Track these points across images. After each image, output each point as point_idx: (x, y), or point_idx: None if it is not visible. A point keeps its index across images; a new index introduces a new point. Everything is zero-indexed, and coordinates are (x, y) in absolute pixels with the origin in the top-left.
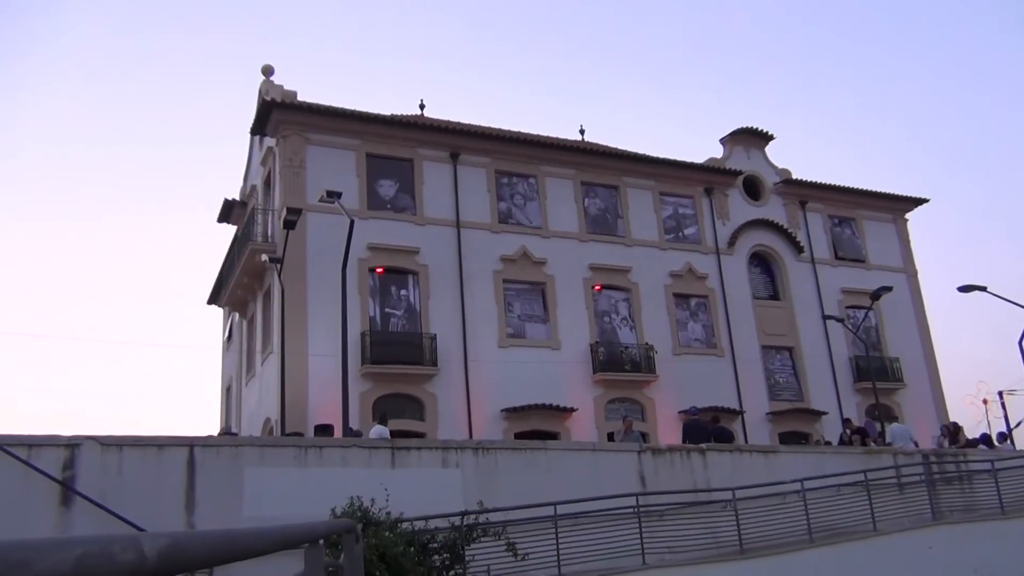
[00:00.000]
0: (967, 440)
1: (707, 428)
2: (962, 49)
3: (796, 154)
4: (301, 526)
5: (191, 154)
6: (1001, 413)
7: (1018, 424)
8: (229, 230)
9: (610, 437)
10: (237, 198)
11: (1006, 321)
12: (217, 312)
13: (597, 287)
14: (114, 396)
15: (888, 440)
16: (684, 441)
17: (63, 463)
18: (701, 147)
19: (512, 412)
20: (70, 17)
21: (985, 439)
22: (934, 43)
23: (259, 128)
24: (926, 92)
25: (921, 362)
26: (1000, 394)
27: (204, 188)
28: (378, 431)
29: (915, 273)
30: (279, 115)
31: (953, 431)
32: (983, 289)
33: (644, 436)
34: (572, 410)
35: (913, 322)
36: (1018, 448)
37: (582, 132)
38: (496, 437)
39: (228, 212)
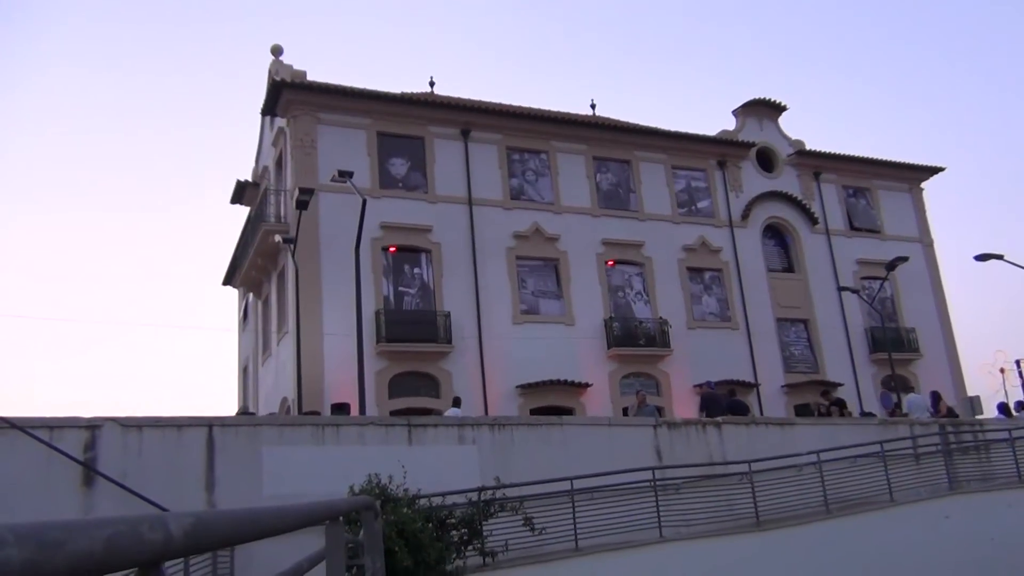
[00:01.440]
0: (948, 409)
1: (723, 401)
2: (978, 15)
3: (810, 125)
4: (322, 504)
5: (203, 136)
6: (1019, 382)
7: None
8: (242, 211)
9: (625, 412)
10: (249, 179)
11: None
12: (232, 293)
13: (610, 262)
14: (133, 378)
15: (904, 411)
16: (701, 413)
17: (85, 444)
18: (713, 119)
19: (527, 388)
20: (78, 1)
21: (1003, 408)
22: (949, 9)
23: (270, 109)
24: (941, 59)
25: (937, 332)
26: (1018, 363)
27: (216, 170)
28: (454, 412)
29: (931, 243)
30: (289, 95)
31: (934, 402)
32: (1000, 258)
33: (659, 410)
34: (587, 385)
35: (929, 292)
36: None
37: (593, 107)
38: (511, 413)
39: (241, 193)
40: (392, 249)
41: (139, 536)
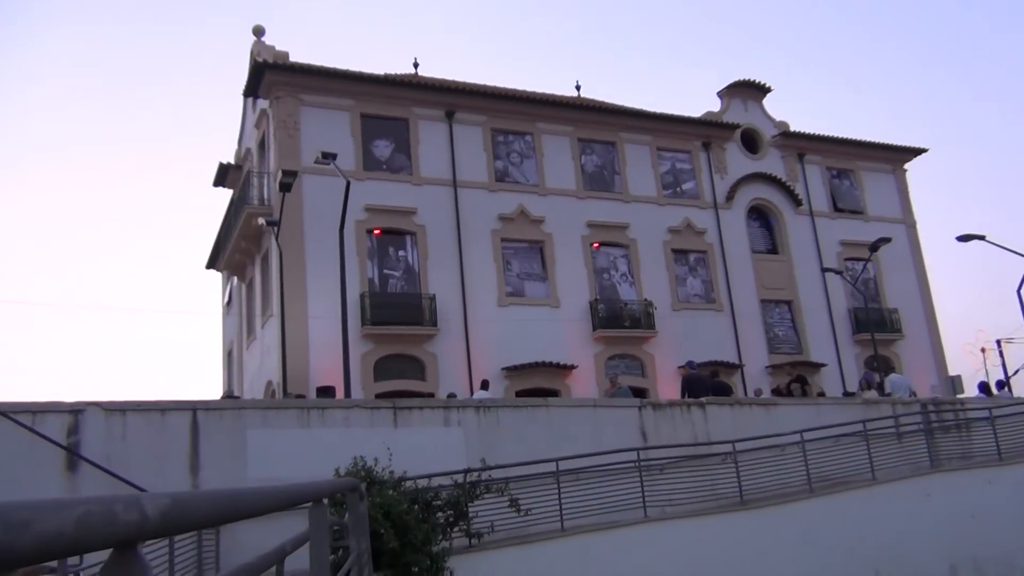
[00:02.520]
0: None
1: (706, 382)
2: None
3: (794, 106)
4: (305, 485)
5: (184, 118)
6: (999, 361)
7: (1016, 372)
8: (225, 194)
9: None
10: (232, 162)
11: (1005, 270)
12: (216, 276)
13: (596, 244)
14: (116, 362)
15: (887, 391)
16: (683, 396)
17: (68, 429)
18: (698, 101)
19: (513, 370)
20: None
21: (983, 387)
22: None
23: (252, 90)
24: (924, 41)
25: (920, 313)
26: (998, 343)
27: (198, 152)
28: (481, 395)
29: (914, 224)
30: (272, 76)
31: (866, 384)
32: (982, 238)
33: (643, 392)
34: (572, 367)
35: (912, 273)
36: (1016, 396)
37: (578, 88)
38: (497, 395)
39: (223, 176)
40: (376, 231)
41: (112, 516)
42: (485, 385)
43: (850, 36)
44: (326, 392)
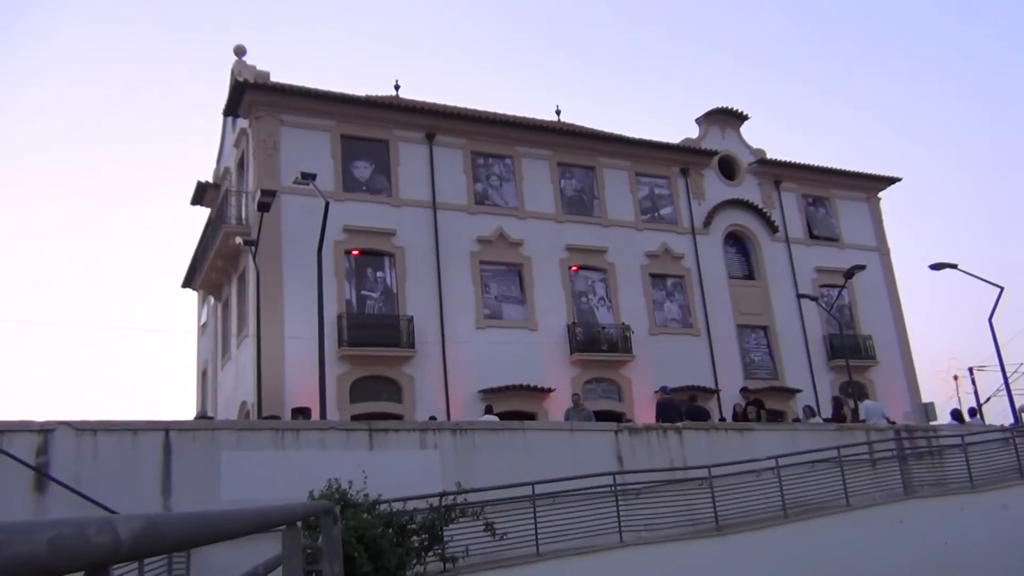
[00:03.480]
0: (849, 415)
1: (679, 407)
2: (936, 28)
3: (771, 134)
4: (278, 508)
5: (163, 136)
6: (972, 389)
7: (987, 399)
8: (203, 213)
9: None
10: (210, 180)
11: (977, 298)
12: (192, 296)
13: (574, 268)
14: (88, 381)
15: (861, 417)
16: (657, 420)
17: (37, 449)
18: (677, 127)
19: (490, 393)
20: None
21: (956, 414)
22: (906, 22)
23: (232, 109)
24: (899, 71)
25: (893, 340)
26: (971, 370)
27: (177, 170)
28: (490, 419)
29: (888, 251)
30: (252, 96)
31: (810, 412)
32: (954, 267)
33: (620, 416)
34: (550, 390)
35: (886, 300)
36: (987, 423)
37: (558, 113)
38: (474, 418)
39: (201, 195)
40: (355, 252)
41: (85, 538)
42: (490, 410)
43: (827, 66)
44: (301, 413)
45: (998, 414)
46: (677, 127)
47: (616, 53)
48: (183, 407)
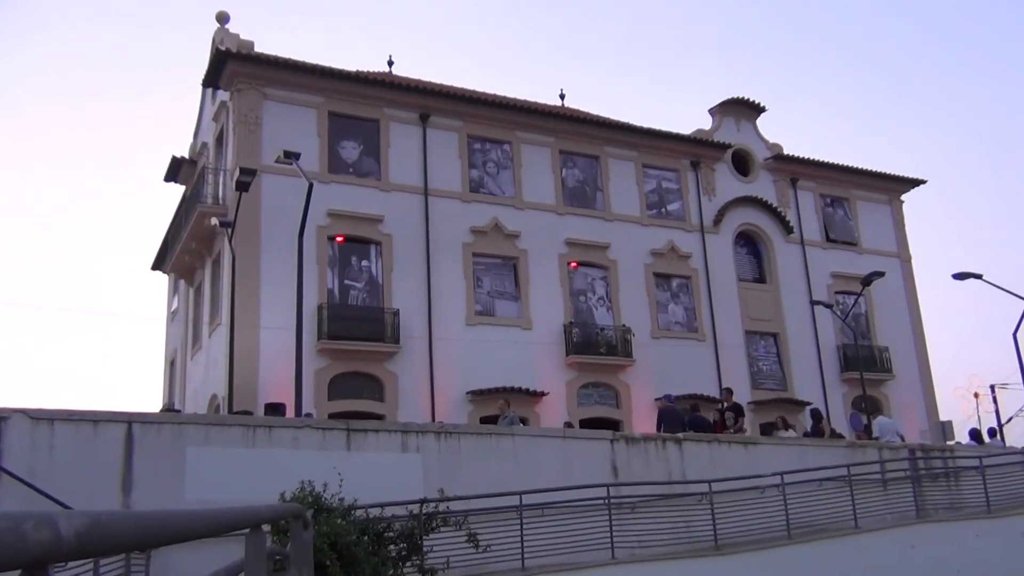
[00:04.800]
0: (831, 430)
1: (683, 417)
2: (964, 22)
3: (788, 128)
4: (242, 509)
5: (136, 106)
6: (992, 407)
7: (1009, 419)
8: (176, 190)
9: (581, 424)
10: (186, 156)
11: (1002, 311)
12: (162, 279)
13: (573, 264)
14: (47, 367)
15: (875, 434)
16: (658, 430)
17: None
18: (688, 117)
19: (478, 395)
20: None
21: (974, 434)
22: (935, 15)
23: (212, 80)
24: (927, 67)
25: (911, 352)
26: (992, 388)
27: (150, 144)
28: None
29: (909, 258)
30: (234, 66)
31: (783, 423)
32: (979, 277)
33: (618, 424)
34: (543, 394)
35: (905, 310)
36: (1008, 445)
37: (562, 97)
38: (460, 421)
39: (176, 171)
40: (339, 239)
41: (21, 535)
42: (524, 421)
43: (850, 59)
44: (275, 409)
45: (1020, 435)
46: (689, 117)
47: (626, 35)
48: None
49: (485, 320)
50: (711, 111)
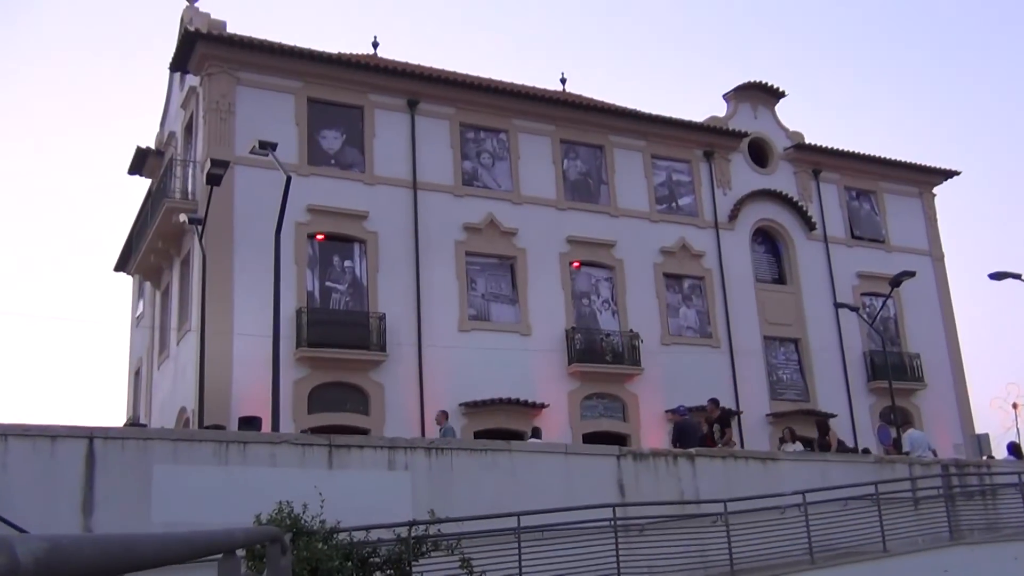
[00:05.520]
0: (839, 442)
1: (699, 431)
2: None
3: (810, 115)
4: (215, 533)
5: (98, 91)
6: None
7: None
8: (142, 184)
9: (585, 439)
10: (152, 146)
11: None
12: (126, 281)
13: (575, 264)
14: (0, 377)
15: (904, 448)
16: (673, 444)
17: None
18: (701, 103)
19: (472, 407)
20: None
21: (1013, 448)
22: None
23: (180, 64)
24: (962, 47)
25: (944, 359)
26: None
27: (112, 133)
28: (532, 444)
29: (941, 257)
30: (204, 49)
31: (790, 435)
32: (1017, 277)
33: (625, 438)
34: (543, 406)
35: (937, 313)
36: None
37: (563, 82)
38: (453, 436)
39: (141, 162)
40: (320, 237)
41: None
42: (536, 433)
43: (878, 39)
44: (250, 424)
45: None
46: (702, 103)
47: (632, 14)
48: (111, 412)
49: (479, 325)
50: (726, 97)
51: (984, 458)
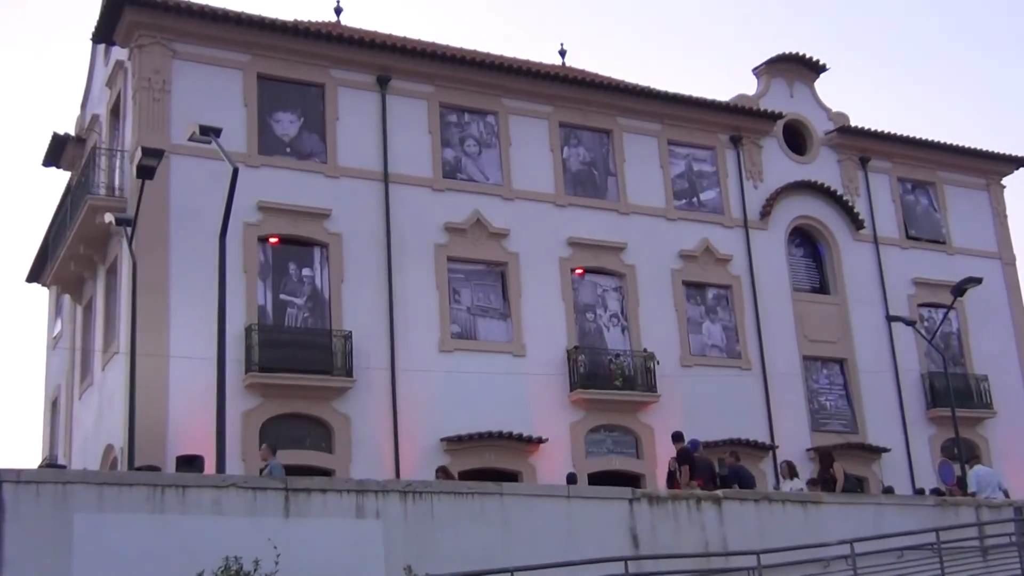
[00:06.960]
0: (843, 474)
1: (714, 469)
2: None
3: (856, 94)
4: None
5: (5, 66)
6: None
7: None
8: (60, 177)
9: (571, 479)
10: (71, 133)
11: None
12: (41, 293)
13: (578, 271)
14: None
15: (971, 489)
16: (691, 477)
17: None
18: (727, 80)
19: (457, 443)
20: None
21: None
22: None
23: (104, 34)
24: None
25: (1017, 382)
26: None
27: (23, 117)
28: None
29: (1013, 260)
30: (133, 15)
31: (789, 471)
32: None
33: (638, 479)
34: (540, 441)
35: (1008, 328)
36: None
37: (563, 54)
38: (433, 477)
39: (58, 152)
40: (273, 240)
41: None
42: (572, 479)
43: (935, 5)
44: (190, 464)
45: None
46: (728, 79)
47: None
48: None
49: (464, 345)
50: (756, 71)
51: None
